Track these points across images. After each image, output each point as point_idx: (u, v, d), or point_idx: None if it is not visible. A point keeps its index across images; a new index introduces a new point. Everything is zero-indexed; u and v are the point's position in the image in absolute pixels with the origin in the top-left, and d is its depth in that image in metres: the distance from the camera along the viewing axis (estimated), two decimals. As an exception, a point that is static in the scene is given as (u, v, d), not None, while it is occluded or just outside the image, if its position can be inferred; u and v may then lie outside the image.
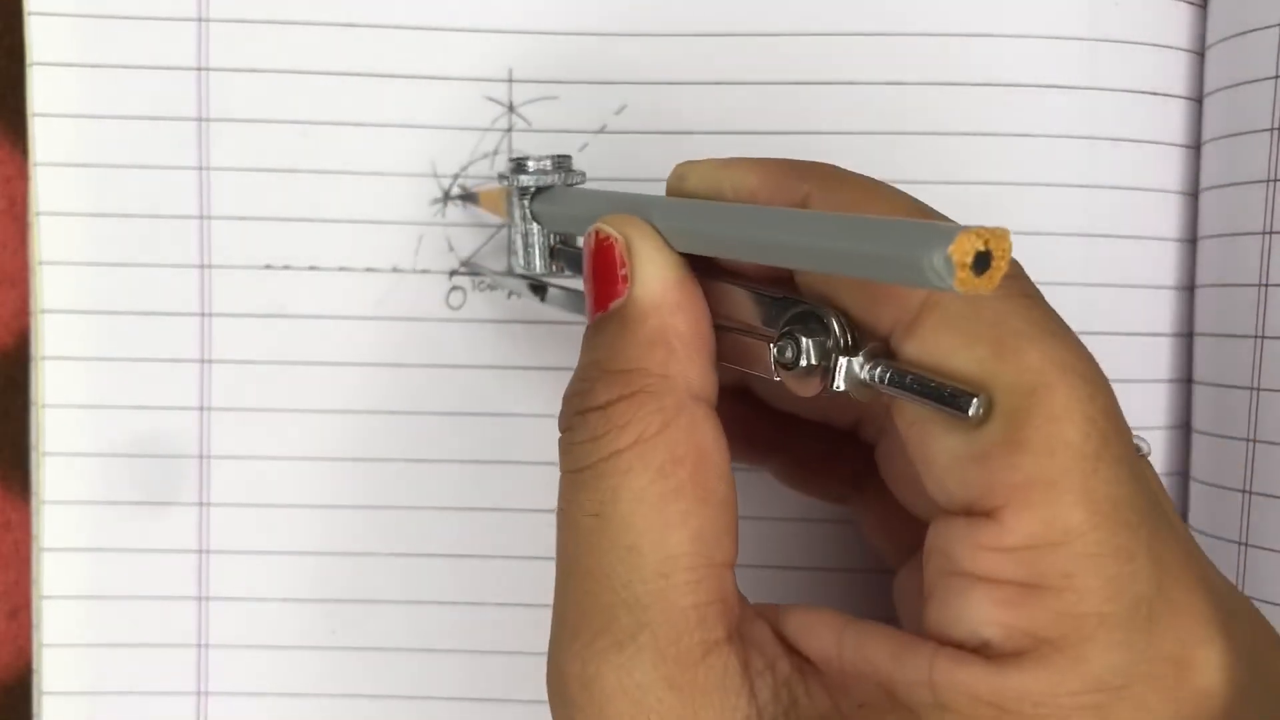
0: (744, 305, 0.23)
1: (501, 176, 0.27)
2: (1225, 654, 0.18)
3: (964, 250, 0.16)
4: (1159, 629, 0.18)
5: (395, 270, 0.31)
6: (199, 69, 0.30)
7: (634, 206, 0.23)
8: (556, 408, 0.31)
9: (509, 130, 0.31)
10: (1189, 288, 0.31)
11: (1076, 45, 0.30)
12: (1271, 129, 0.29)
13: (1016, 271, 0.20)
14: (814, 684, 0.20)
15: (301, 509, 0.31)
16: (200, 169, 0.31)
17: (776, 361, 0.21)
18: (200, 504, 0.31)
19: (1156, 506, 0.19)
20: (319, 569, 0.31)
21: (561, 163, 0.27)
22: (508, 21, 0.31)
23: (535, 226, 0.27)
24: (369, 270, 0.31)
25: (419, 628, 0.31)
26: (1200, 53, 0.31)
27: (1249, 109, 0.29)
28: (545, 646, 0.31)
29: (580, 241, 0.25)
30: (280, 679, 0.31)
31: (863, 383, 0.20)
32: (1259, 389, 0.29)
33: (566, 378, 0.31)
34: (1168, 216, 0.31)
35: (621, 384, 0.21)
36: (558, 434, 0.30)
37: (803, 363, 0.21)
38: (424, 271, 0.31)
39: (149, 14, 0.30)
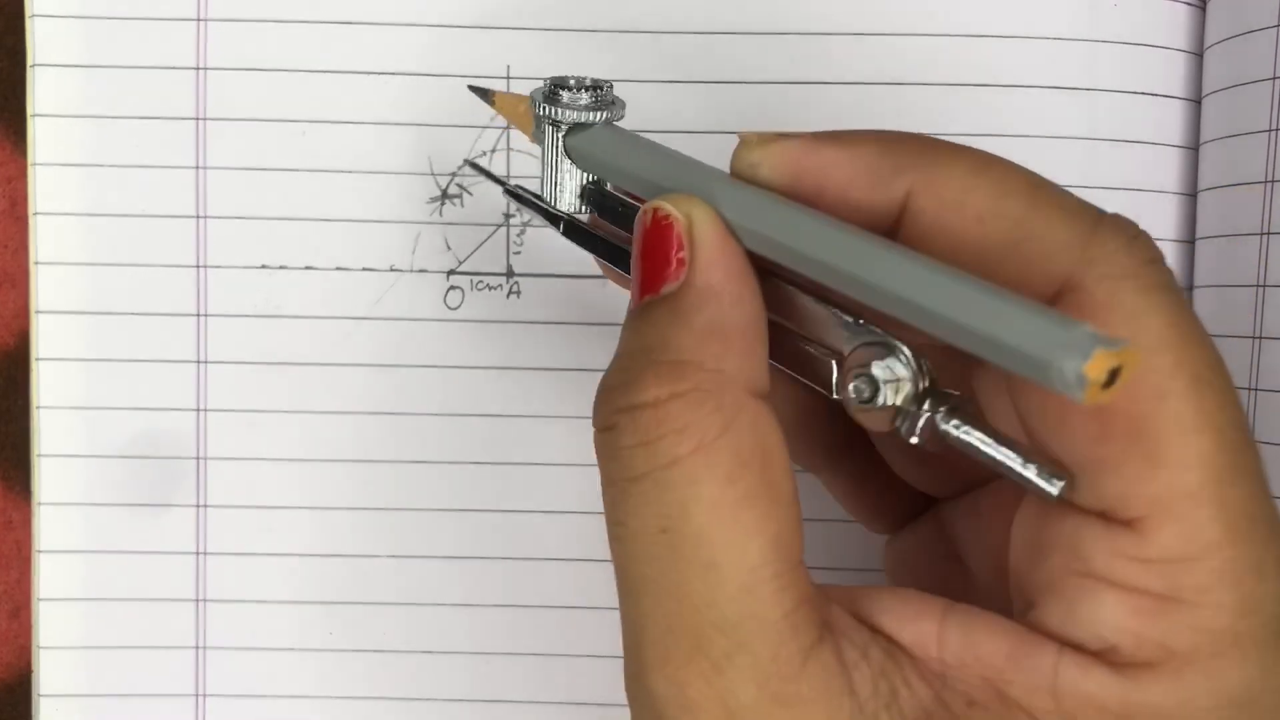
0: (807, 313, 0.21)
1: (535, 103, 0.24)
2: None
3: (1100, 369, 0.16)
4: None
5: (392, 270, 0.31)
6: (197, 69, 0.30)
7: (694, 181, 0.21)
8: (554, 408, 0.31)
9: (507, 128, 0.31)
10: (1187, 288, 0.31)
11: (1075, 46, 0.30)
12: (1270, 130, 0.29)
13: (1156, 255, 0.19)
14: (910, 673, 0.19)
15: (299, 510, 0.31)
16: (197, 168, 0.31)
17: (847, 397, 0.20)
18: (197, 505, 0.31)
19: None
20: (317, 570, 0.31)
21: (601, 97, 0.24)
22: (505, 18, 0.30)
23: (567, 163, 0.24)
24: (366, 270, 0.31)
25: (417, 629, 0.31)
26: (1199, 54, 0.31)
27: (1247, 110, 0.29)
28: (540, 647, 0.31)
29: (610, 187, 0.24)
30: (278, 681, 0.31)
31: (940, 437, 0.20)
32: (1257, 389, 0.29)
33: (564, 378, 0.31)
34: (1166, 217, 0.31)
35: (674, 378, 0.19)
36: (556, 435, 0.30)
37: (879, 403, 0.19)
38: (421, 271, 0.31)
39: (149, 14, 0.30)
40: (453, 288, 0.31)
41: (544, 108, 0.24)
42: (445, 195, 0.31)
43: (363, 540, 0.31)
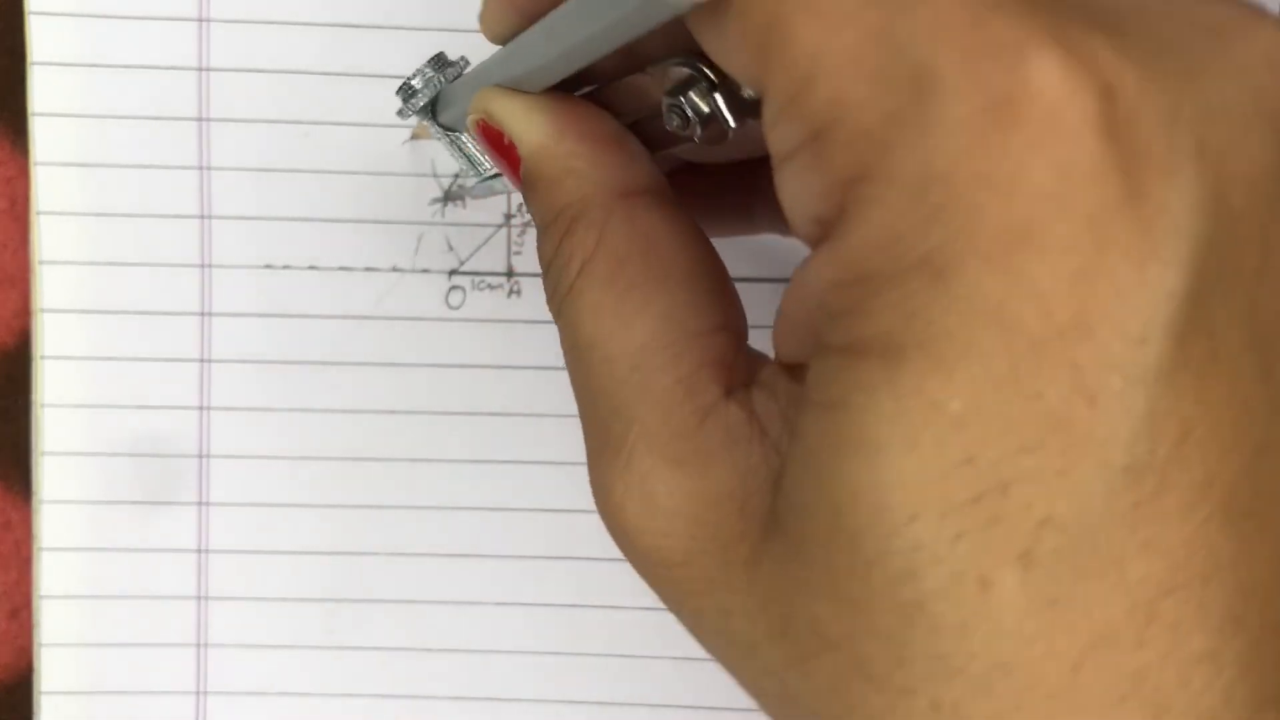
0: (641, 94, 0.22)
1: (398, 112, 0.27)
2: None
3: None
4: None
5: (395, 270, 0.31)
6: (200, 69, 0.30)
7: (480, 80, 0.23)
8: (556, 408, 0.31)
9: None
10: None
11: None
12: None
13: None
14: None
15: (301, 508, 0.31)
16: (201, 169, 0.31)
17: (676, 131, 0.21)
18: (199, 503, 0.31)
19: None
20: (318, 568, 0.31)
21: (436, 61, 0.26)
22: (507, 22, 0.31)
23: (452, 134, 0.26)
24: (369, 270, 0.31)
25: (418, 628, 0.31)
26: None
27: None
28: (540, 645, 0.31)
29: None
30: (279, 679, 0.31)
31: (743, 110, 0.20)
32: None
33: (564, 377, 0.31)
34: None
35: (558, 228, 0.21)
36: (557, 433, 0.30)
37: (691, 117, 0.20)
38: (424, 271, 0.31)
39: (150, 14, 0.30)
40: (454, 287, 0.31)
41: (403, 103, 0.26)
42: (448, 196, 0.31)
43: (364, 538, 0.31)
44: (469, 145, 0.26)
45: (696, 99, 0.20)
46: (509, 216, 0.31)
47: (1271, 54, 0.16)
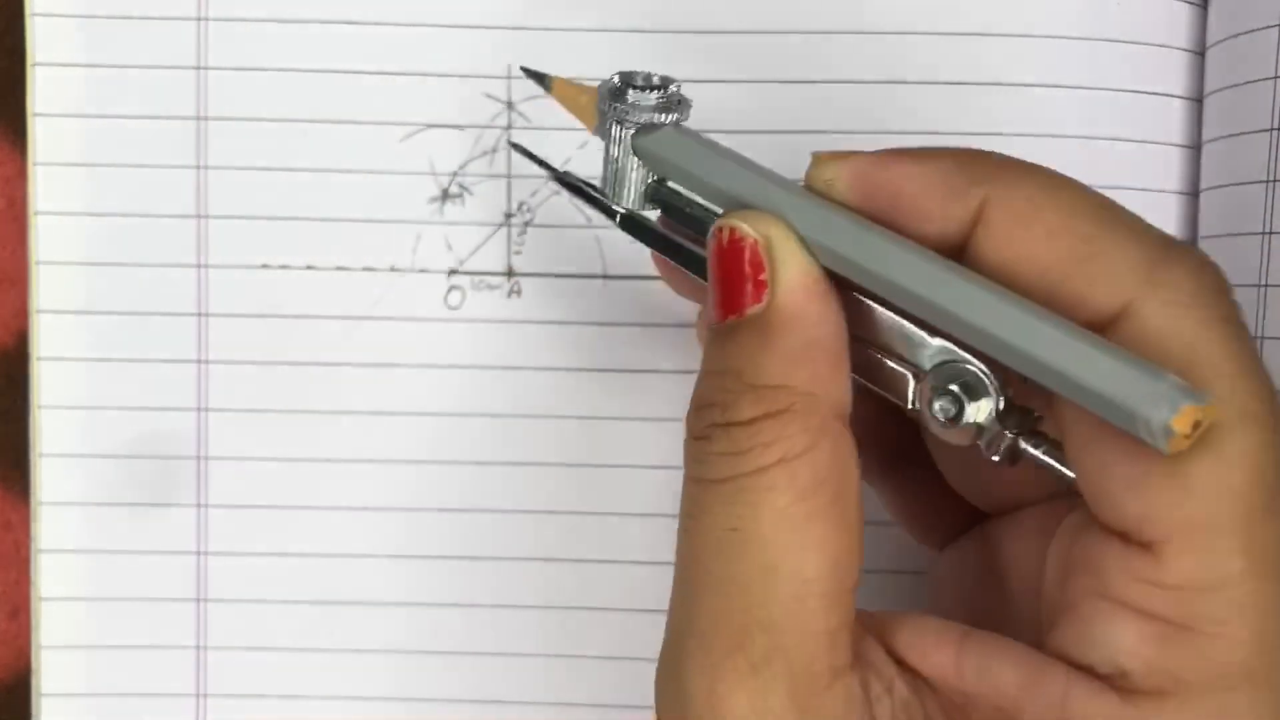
0: (882, 326, 0.21)
1: (602, 99, 0.24)
2: None
3: (1186, 423, 0.17)
4: None
5: (393, 269, 0.31)
6: (198, 68, 0.30)
7: (768, 196, 0.21)
8: (554, 408, 0.31)
9: (508, 128, 0.31)
10: (1189, 288, 0.31)
11: (1076, 45, 0.30)
12: (1271, 129, 0.29)
13: (1222, 285, 0.20)
14: (931, 705, 0.20)
15: (299, 510, 0.31)
16: (198, 168, 0.31)
17: (929, 415, 0.21)
18: (198, 505, 0.31)
19: None
20: (317, 570, 0.31)
21: (669, 97, 0.24)
22: (506, 18, 0.30)
23: (635, 161, 0.24)
24: (367, 270, 0.31)
25: (418, 629, 0.31)
26: (1200, 52, 0.31)
27: (1249, 109, 0.29)
28: (540, 648, 0.31)
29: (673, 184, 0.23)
30: (279, 681, 0.31)
31: (1019, 455, 0.20)
32: (1258, 389, 0.29)
33: (564, 378, 0.31)
34: (1167, 217, 0.31)
35: (767, 400, 0.20)
36: (557, 434, 0.30)
37: (964, 421, 0.20)
38: (422, 271, 0.31)
39: (149, 14, 0.30)
40: (453, 287, 0.31)
41: (612, 106, 0.24)
42: (446, 195, 0.31)
43: (363, 540, 0.31)
44: (636, 175, 0.24)
45: (978, 410, 0.20)
46: (509, 215, 0.31)
47: None
